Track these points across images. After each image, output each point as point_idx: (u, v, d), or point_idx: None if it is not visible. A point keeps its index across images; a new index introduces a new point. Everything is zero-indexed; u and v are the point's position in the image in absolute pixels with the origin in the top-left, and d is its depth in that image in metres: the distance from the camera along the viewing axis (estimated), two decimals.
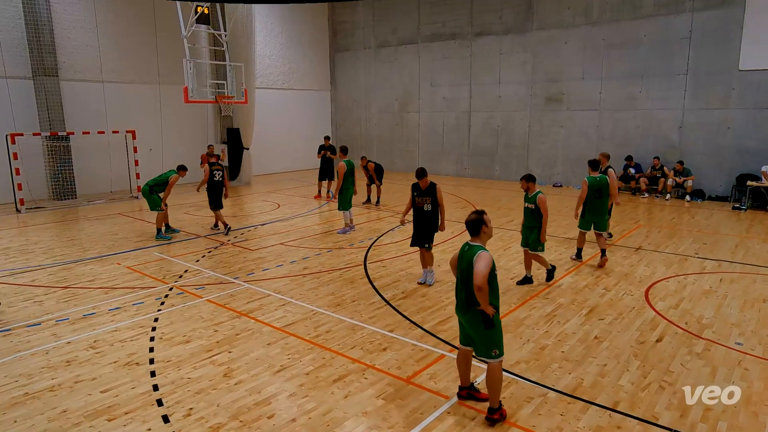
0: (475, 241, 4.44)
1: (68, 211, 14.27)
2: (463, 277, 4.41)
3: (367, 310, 6.97)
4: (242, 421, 4.45)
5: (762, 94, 14.11)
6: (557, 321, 6.56)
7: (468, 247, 4.42)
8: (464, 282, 4.39)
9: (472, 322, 4.41)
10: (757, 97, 14.20)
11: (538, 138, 18.44)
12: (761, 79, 14.06)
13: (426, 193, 7.68)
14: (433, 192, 7.64)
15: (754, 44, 14.01)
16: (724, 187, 14.99)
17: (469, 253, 4.36)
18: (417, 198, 7.77)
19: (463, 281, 4.41)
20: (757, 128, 14.30)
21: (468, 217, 4.50)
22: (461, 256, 4.46)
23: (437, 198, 7.66)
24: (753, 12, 13.94)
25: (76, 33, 16.01)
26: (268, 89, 21.33)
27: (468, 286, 4.33)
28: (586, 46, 16.88)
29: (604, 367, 5.37)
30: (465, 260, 4.38)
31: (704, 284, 7.91)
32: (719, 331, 6.22)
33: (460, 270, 4.45)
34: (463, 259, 4.42)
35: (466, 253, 4.40)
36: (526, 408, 4.63)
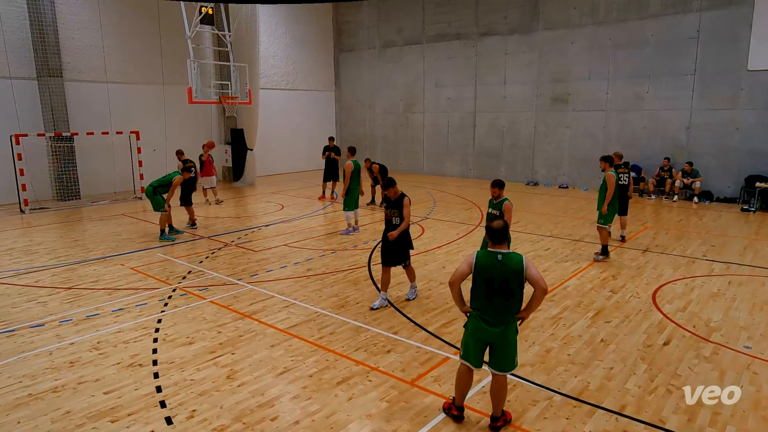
0: (500, 248, 4.18)
1: (72, 212, 14.34)
2: (501, 286, 4.10)
3: (371, 312, 6.96)
4: (245, 423, 4.45)
5: None
6: (563, 323, 6.54)
7: (502, 256, 4.11)
8: (506, 292, 4.11)
9: (505, 334, 4.17)
10: (766, 98, 14.11)
11: (544, 138, 18.40)
12: None
13: (394, 205, 6.97)
14: (401, 205, 6.92)
15: (763, 44, 13.92)
16: (732, 188, 14.90)
17: (512, 261, 4.12)
18: (386, 210, 7.09)
19: (503, 291, 4.10)
20: (767, 129, 14.20)
21: (495, 223, 4.19)
22: (495, 265, 4.10)
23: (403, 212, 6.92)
24: (762, 11, 13.86)
25: (81, 33, 16.11)
26: (272, 90, 21.39)
27: (509, 295, 4.12)
28: (592, 46, 16.83)
29: (611, 370, 5.35)
30: (506, 269, 4.09)
31: (712, 287, 7.86)
32: (727, 335, 6.19)
33: (498, 280, 4.10)
34: (501, 268, 4.09)
35: (504, 262, 4.10)
36: (531, 411, 4.61)
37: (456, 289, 4.29)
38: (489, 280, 4.12)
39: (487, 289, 4.14)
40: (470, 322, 4.30)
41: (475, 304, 4.26)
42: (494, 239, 4.20)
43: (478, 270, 4.16)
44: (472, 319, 4.29)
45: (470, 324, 4.30)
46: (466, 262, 4.22)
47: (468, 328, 4.33)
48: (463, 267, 4.23)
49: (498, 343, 4.19)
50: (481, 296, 4.18)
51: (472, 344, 4.28)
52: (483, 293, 4.16)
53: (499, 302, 4.13)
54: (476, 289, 4.21)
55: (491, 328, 4.16)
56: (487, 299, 4.16)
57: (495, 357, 4.25)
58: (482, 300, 4.18)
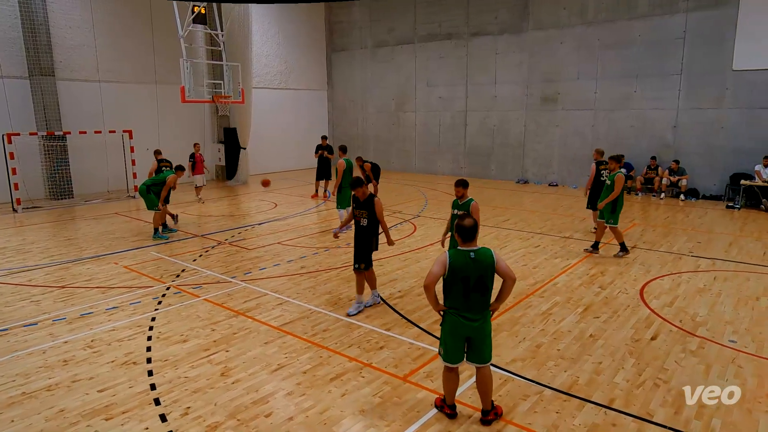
0: (471, 246, 4.21)
1: (65, 211, 14.21)
2: (477, 283, 4.16)
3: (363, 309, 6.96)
4: (240, 420, 4.44)
5: (756, 94, 14.17)
6: (553, 319, 6.57)
7: (474, 253, 4.15)
8: (481, 287, 4.19)
9: (484, 327, 4.26)
10: (750, 97, 14.26)
11: (534, 137, 18.47)
12: (755, 79, 14.11)
13: (363, 206, 6.70)
14: (370, 206, 6.64)
15: (748, 44, 14.06)
16: (718, 186, 15.05)
17: (484, 257, 4.17)
18: (354, 210, 6.84)
19: (479, 287, 4.18)
20: (751, 128, 14.35)
21: (466, 221, 4.21)
22: (469, 263, 4.13)
23: (375, 213, 6.67)
24: (747, 12, 13.99)
25: (73, 33, 15.95)
26: (264, 89, 21.30)
27: (485, 290, 4.21)
28: (581, 46, 16.91)
29: (600, 364, 5.39)
30: (480, 266, 4.15)
31: (698, 282, 7.94)
32: (713, 329, 6.25)
33: (473, 278, 4.15)
34: (474, 265, 4.14)
35: (477, 259, 4.14)
36: (522, 405, 4.64)
37: (432, 292, 4.22)
38: (465, 278, 4.14)
39: (464, 288, 4.17)
40: (448, 320, 4.30)
41: (451, 302, 4.26)
42: (465, 238, 4.20)
43: (453, 270, 4.15)
44: (449, 317, 4.28)
45: (448, 322, 4.30)
46: (440, 264, 4.17)
47: (446, 326, 4.32)
48: (436, 269, 4.16)
49: (476, 336, 4.25)
50: (458, 295, 4.20)
51: (452, 342, 4.29)
52: (460, 292, 4.18)
53: (476, 298, 4.19)
54: (452, 288, 4.21)
55: (471, 323, 4.21)
56: (464, 297, 4.19)
57: (474, 351, 4.30)
58: (459, 298, 4.20)
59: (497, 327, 6.32)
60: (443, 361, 4.37)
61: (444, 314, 4.34)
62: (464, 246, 4.22)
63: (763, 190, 13.64)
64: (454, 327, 4.26)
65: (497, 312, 5.26)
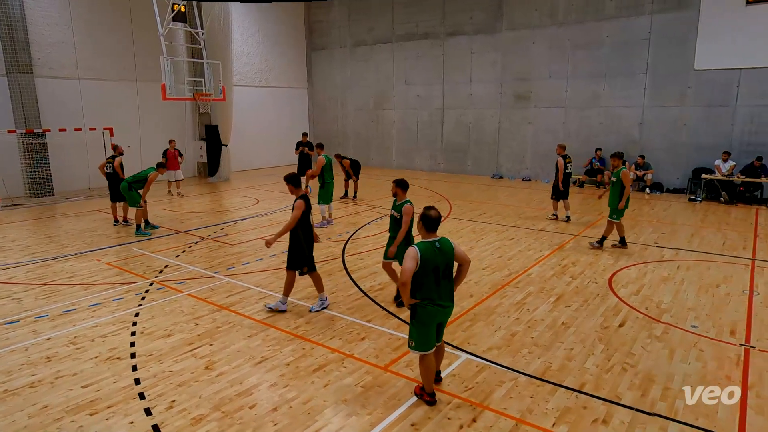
0: (434, 236, 4.34)
1: (46, 208, 13.84)
2: (445, 270, 4.32)
3: (346, 301, 6.96)
4: (224, 412, 4.41)
5: (715, 92, 14.54)
6: (527, 308, 6.67)
7: (439, 243, 4.31)
8: (449, 274, 4.37)
9: (451, 310, 4.49)
10: (711, 96, 14.63)
11: (508, 134, 18.64)
12: (715, 78, 14.48)
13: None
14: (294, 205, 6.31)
15: (708, 45, 14.40)
16: (680, 180, 15.42)
17: (447, 246, 4.34)
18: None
19: (447, 274, 4.35)
20: (711, 125, 14.74)
21: (431, 213, 4.32)
22: (436, 253, 4.26)
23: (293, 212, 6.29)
24: (707, 14, 14.32)
25: (51, 30, 15.49)
26: (246, 87, 21.02)
27: (451, 275, 4.41)
28: (552, 46, 17.10)
29: (571, 351, 5.49)
30: (445, 254, 4.30)
31: (663, 271, 8.14)
32: (677, 315, 6.42)
33: (441, 265, 4.28)
34: (441, 254, 4.28)
35: (442, 248, 4.29)
36: (498, 392, 4.70)
37: (409, 288, 4.23)
38: (435, 268, 4.26)
39: (435, 277, 4.27)
40: (421, 312, 4.33)
41: (424, 293, 4.29)
42: (430, 228, 4.34)
43: (424, 261, 4.21)
44: (424, 308, 4.31)
45: (422, 313, 4.33)
46: (412, 259, 4.20)
47: (421, 317, 4.34)
48: (410, 264, 4.20)
49: (445, 319, 4.51)
50: (431, 284, 4.27)
51: (427, 331, 4.36)
52: (432, 281, 4.27)
53: (445, 284, 4.36)
54: (424, 279, 4.26)
55: (445, 309, 4.40)
56: (437, 285, 4.30)
57: (440, 332, 4.56)
58: (432, 287, 4.28)
59: (474, 317, 6.39)
60: (418, 351, 4.40)
61: (416, 307, 4.35)
62: (428, 237, 4.34)
63: (722, 184, 14.03)
64: (430, 316, 4.33)
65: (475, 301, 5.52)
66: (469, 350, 5.50)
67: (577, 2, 16.42)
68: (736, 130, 14.43)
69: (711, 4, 14.23)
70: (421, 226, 4.34)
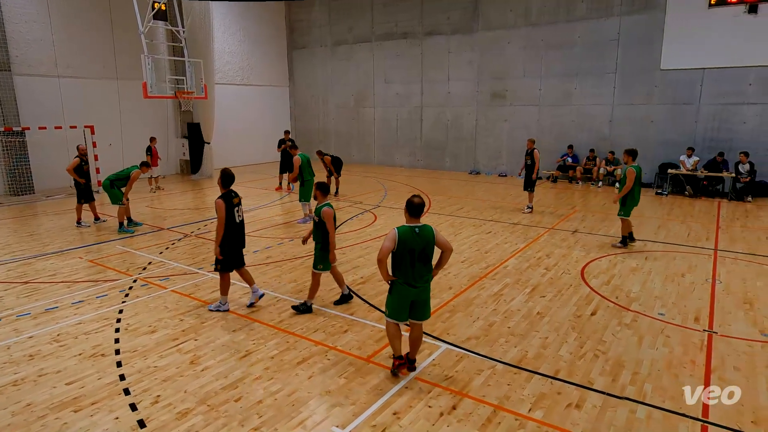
0: (416, 222, 4.59)
1: (26, 207, 13.45)
2: (421, 254, 4.53)
3: (328, 295, 6.94)
4: (210, 405, 4.37)
5: (680, 91, 14.87)
6: (504, 299, 6.75)
7: (419, 229, 4.52)
8: (424, 258, 4.58)
9: (425, 291, 4.70)
10: (675, 94, 14.96)
11: (485, 131, 18.77)
12: (679, 77, 14.80)
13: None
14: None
15: (673, 46, 14.71)
16: (648, 174, 15.69)
17: (427, 232, 4.54)
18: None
19: (423, 258, 4.56)
20: (676, 122, 15.08)
21: (414, 201, 4.55)
22: (414, 237, 4.48)
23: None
24: (673, 16, 14.62)
25: (29, 27, 15.01)
26: (227, 85, 20.71)
27: (427, 260, 4.60)
28: (527, 46, 17.24)
29: (546, 339, 5.58)
30: (423, 239, 4.52)
31: (632, 262, 8.31)
32: (645, 304, 6.57)
33: (417, 250, 4.50)
34: (420, 239, 4.50)
35: (421, 234, 4.51)
36: (476, 380, 4.76)
37: (384, 264, 4.55)
38: (411, 250, 4.50)
39: (410, 259, 4.53)
40: (396, 288, 4.65)
41: (399, 272, 4.59)
42: (413, 214, 4.59)
43: (401, 243, 4.48)
44: (397, 285, 4.63)
45: (396, 290, 4.65)
46: (390, 239, 4.49)
47: (395, 293, 4.67)
48: (387, 244, 4.49)
49: (419, 299, 4.69)
50: (406, 265, 4.55)
51: (399, 306, 4.67)
52: (407, 262, 4.54)
53: (420, 267, 4.58)
54: (400, 260, 4.55)
55: (415, 289, 4.62)
56: (411, 267, 4.55)
57: (416, 310, 4.73)
58: (406, 268, 4.55)
59: (453, 309, 6.44)
60: (391, 318, 4.73)
61: (393, 284, 4.67)
62: (411, 222, 4.60)
63: (687, 178, 14.37)
64: (401, 293, 4.64)
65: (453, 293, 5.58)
66: (448, 340, 5.55)
67: (549, 3, 16.58)
68: (699, 128, 14.78)
69: (676, 6, 14.52)
70: (406, 211, 4.62)
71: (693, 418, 4.16)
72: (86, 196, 10.94)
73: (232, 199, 6.26)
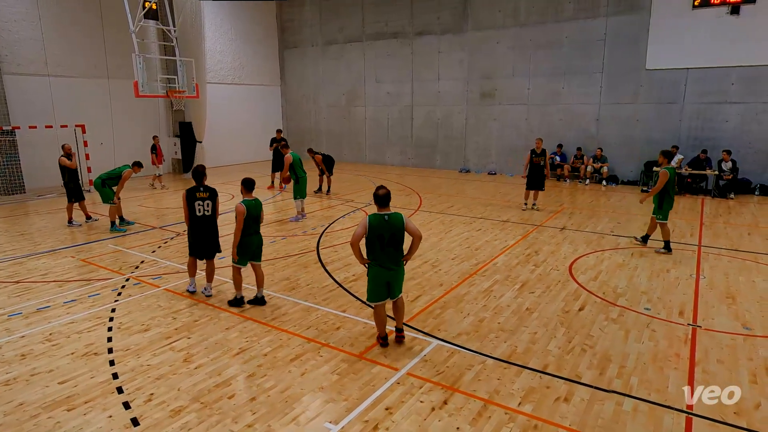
0: (386, 210, 4.99)
1: (17, 206, 13.27)
2: (390, 239, 4.95)
3: (321, 292, 6.94)
4: (203, 403, 4.34)
5: (665, 90, 15.01)
6: (494, 295, 6.78)
7: (389, 216, 4.94)
8: (394, 243, 4.99)
9: (398, 272, 5.11)
10: (660, 93, 15.10)
11: (475, 130, 18.82)
12: (664, 77, 14.94)
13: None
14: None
15: (658, 46, 14.84)
16: (634, 172, 15.89)
17: (396, 219, 4.97)
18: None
19: (393, 243, 4.98)
20: (661, 121, 15.22)
21: (380, 192, 4.98)
22: (383, 224, 4.90)
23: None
24: (657, 17, 14.74)
25: (18, 26, 14.79)
26: (219, 84, 20.56)
27: (397, 245, 5.02)
28: (515, 46, 17.30)
29: (535, 334, 5.62)
30: (392, 226, 4.94)
31: (618, 258, 8.39)
32: (631, 299, 6.64)
33: (387, 235, 4.92)
34: (389, 225, 4.92)
35: (390, 221, 4.94)
36: (467, 375, 4.78)
37: (357, 248, 4.97)
38: (380, 236, 4.92)
39: (380, 244, 4.95)
40: (371, 270, 5.09)
41: (372, 256, 5.05)
42: (380, 204, 5.01)
43: (371, 229, 4.91)
44: (372, 268, 5.08)
45: (372, 272, 5.10)
46: (362, 226, 4.93)
47: (371, 275, 5.11)
48: (359, 230, 4.94)
49: (393, 279, 5.11)
50: (377, 249, 4.98)
51: (375, 287, 5.10)
52: (378, 247, 4.97)
53: (390, 251, 5.00)
54: (372, 244, 4.98)
55: (389, 271, 5.04)
56: (381, 251, 4.98)
57: (393, 289, 5.16)
58: (378, 252, 4.99)
59: (444, 305, 6.46)
60: (371, 302, 5.19)
61: (369, 266, 5.12)
62: (380, 210, 5.01)
63: None
64: (376, 275, 5.07)
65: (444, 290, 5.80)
66: (439, 336, 5.57)
67: (538, 4, 16.64)
68: (683, 126, 14.94)
69: (661, 7, 14.64)
70: (374, 202, 5.05)
71: (678, 410, 4.22)
72: (76, 195, 10.82)
73: (196, 194, 6.63)
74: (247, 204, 6.23)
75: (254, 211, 6.29)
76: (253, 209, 6.28)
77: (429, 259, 8.35)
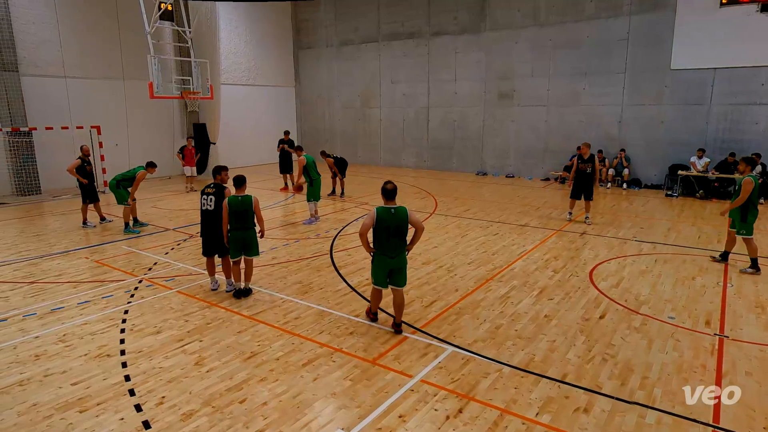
0: (392, 204, 5.51)
1: (33, 207, 13.58)
2: (395, 230, 5.43)
3: (334, 296, 6.95)
4: (214, 407, 4.38)
5: (691, 91, 14.75)
6: (511, 302, 6.72)
7: (394, 209, 5.45)
8: (399, 233, 5.47)
9: (400, 262, 5.57)
10: (686, 94, 14.84)
11: (492, 132, 18.72)
12: (690, 77, 14.69)
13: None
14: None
15: (684, 45, 14.60)
16: (658, 176, 15.63)
17: (401, 212, 5.47)
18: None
19: (397, 233, 5.46)
20: (687, 122, 14.96)
21: (387, 186, 5.52)
22: (391, 216, 5.42)
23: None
24: (683, 15, 14.51)
25: (36, 28, 15.16)
26: (233, 85, 20.81)
27: (401, 236, 5.49)
28: (534, 46, 17.19)
29: (554, 342, 5.55)
30: (397, 218, 5.44)
31: (641, 265, 8.25)
32: (654, 307, 6.52)
33: (392, 226, 5.41)
34: (394, 217, 5.43)
35: (395, 214, 5.44)
36: (483, 383, 4.74)
37: (365, 238, 5.52)
38: (386, 227, 5.44)
39: (386, 234, 5.46)
40: (376, 258, 5.62)
41: (377, 245, 5.56)
42: (387, 197, 5.54)
43: (379, 220, 5.44)
44: (376, 256, 5.60)
45: (376, 260, 5.62)
46: (370, 217, 5.46)
47: (375, 263, 5.65)
48: (367, 221, 5.48)
49: (396, 268, 5.58)
50: (382, 239, 5.50)
51: (378, 273, 5.63)
52: (383, 237, 5.48)
53: (394, 242, 5.49)
54: (378, 234, 5.50)
55: (391, 260, 5.53)
56: (386, 241, 5.48)
57: (394, 278, 5.64)
58: (383, 241, 5.50)
59: (459, 311, 6.42)
60: (373, 285, 5.76)
61: (373, 255, 5.63)
62: (387, 204, 5.53)
63: (698, 180, 14.26)
64: (380, 263, 5.58)
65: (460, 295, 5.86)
66: (455, 343, 5.53)
67: (557, 3, 16.52)
68: (710, 128, 14.66)
69: (686, 5, 14.41)
70: (382, 195, 5.55)
71: (704, 423, 4.12)
72: (91, 196, 11.02)
73: (205, 189, 6.97)
74: (229, 200, 6.61)
75: (235, 207, 6.58)
76: (234, 205, 6.58)
77: (444, 264, 8.31)
